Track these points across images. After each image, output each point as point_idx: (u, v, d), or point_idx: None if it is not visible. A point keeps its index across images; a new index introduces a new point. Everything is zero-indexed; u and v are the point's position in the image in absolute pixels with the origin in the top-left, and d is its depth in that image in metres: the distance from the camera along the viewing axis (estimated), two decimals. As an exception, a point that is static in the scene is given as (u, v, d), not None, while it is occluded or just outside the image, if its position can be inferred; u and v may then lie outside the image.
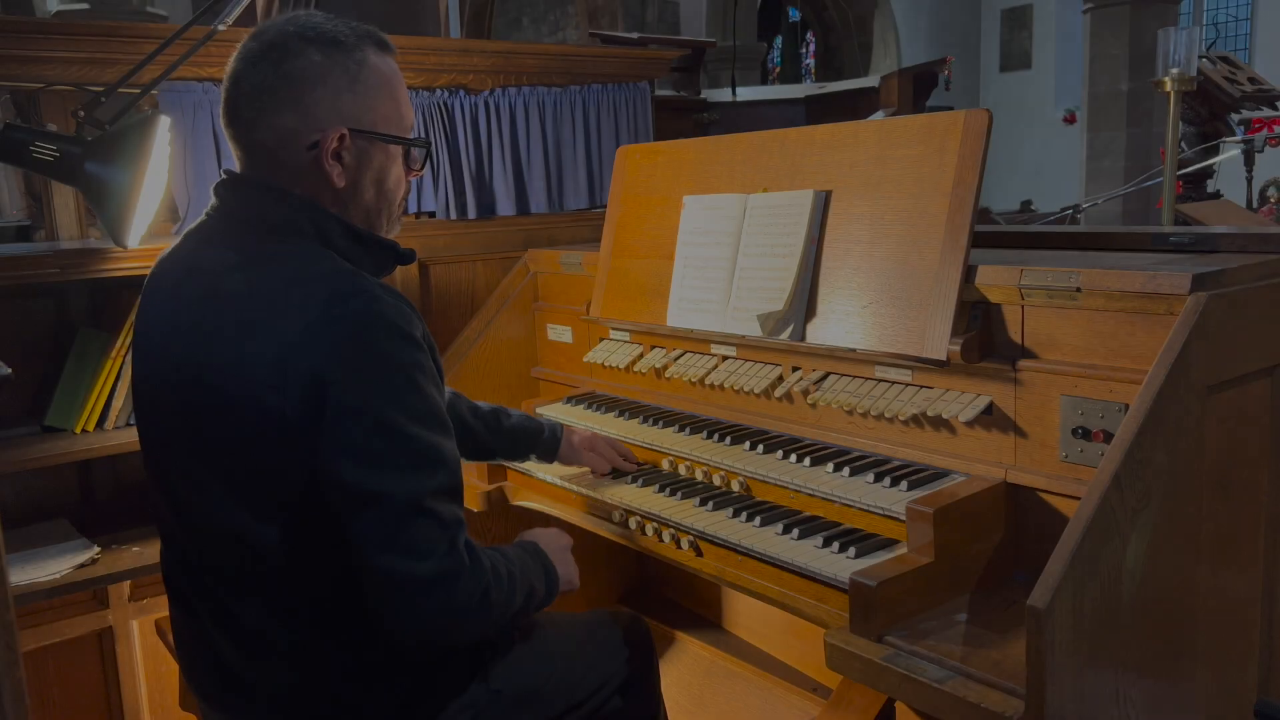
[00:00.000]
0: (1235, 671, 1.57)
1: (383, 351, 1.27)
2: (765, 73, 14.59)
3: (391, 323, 1.28)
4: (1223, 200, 5.42)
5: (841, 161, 1.88)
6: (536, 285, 2.68)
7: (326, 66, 1.36)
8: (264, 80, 1.36)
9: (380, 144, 1.42)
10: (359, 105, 1.39)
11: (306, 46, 1.36)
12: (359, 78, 1.39)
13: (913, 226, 1.73)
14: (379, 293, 1.30)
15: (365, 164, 1.41)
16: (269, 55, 1.36)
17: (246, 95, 1.37)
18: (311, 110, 1.36)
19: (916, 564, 1.49)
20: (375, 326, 1.27)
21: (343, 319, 1.26)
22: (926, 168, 1.73)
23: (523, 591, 1.44)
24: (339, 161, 1.38)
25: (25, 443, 2.11)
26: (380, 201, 1.46)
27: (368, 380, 1.25)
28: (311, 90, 1.36)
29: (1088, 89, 9.80)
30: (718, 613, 2.59)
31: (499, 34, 9.23)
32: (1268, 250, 1.62)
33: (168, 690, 2.38)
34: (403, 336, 1.29)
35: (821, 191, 1.89)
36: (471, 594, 1.31)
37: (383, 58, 1.43)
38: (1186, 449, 1.37)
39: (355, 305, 1.27)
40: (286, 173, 1.38)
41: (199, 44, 2.09)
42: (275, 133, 1.37)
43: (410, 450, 1.28)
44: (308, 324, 1.25)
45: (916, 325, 1.69)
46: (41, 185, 2.34)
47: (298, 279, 1.30)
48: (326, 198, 1.40)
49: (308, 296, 1.27)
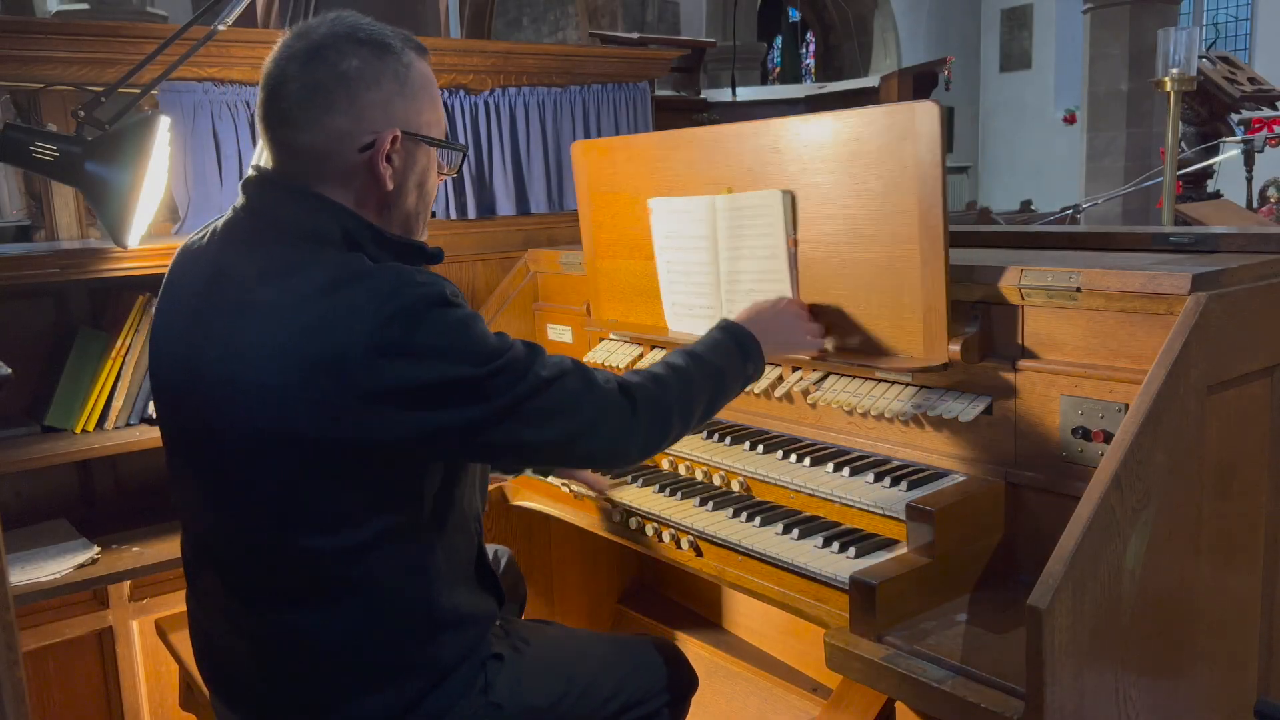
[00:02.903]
0: (1235, 671, 1.57)
1: (439, 326, 1.27)
2: (765, 73, 14.59)
3: (439, 295, 1.28)
4: (1223, 200, 5.42)
5: (803, 157, 1.80)
6: (537, 285, 2.68)
7: (379, 69, 1.35)
8: (316, 79, 1.33)
9: (424, 147, 1.42)
10: (408, 108, 1.38)
11: (359, 48, 1.34)
12: (408, 80, 1.38)
13: (886, 225, 1.68)
14: (412, 275, 1.29)
15: (411, 166, 1.41)
16: (321, 55, 1.33)
17: (296, 96, 1.33)
18: (366, 112, 1.34)
19: (916, 564, 1.49)
20: (424, 308, 1.26)
21: (395, 316, 1.24)
22: (889, 164, 1.66)
23: (704, 372, 1.55)
24: (390, 164, 1.37)
25: (25, 443, 2.10)
26: (420, 204, 1.46)
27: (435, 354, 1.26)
28: (366, 91, 1.34)
29: (1088, 89, 9.80)
30: (718, 613, 2.59)
31: (499, 34, 9.23)
32: (1268, 250, 1.62)
33: (168, 690, 2.38)
34: (447, 304, 1.29)
35: (788, 191, 1.83)
36: (623, 407, 1.41)
37: (423, 61, 1.43)
38: (1186, 449, 1.37)
39: (405, 298, 1.26)
40: (331, 175, 1.35)
41: (199, 44, 2.09)
42: (327, 134, 1.34)
43: (491, 366, 1.29)
44: (364, 324, 1.24)
45: (914, 326, 1.68)
46: (41, 185, 2.34)
47: (335, 282, 1.28)
48: (371, 201, 1.38)
49: (354, 300, 1.25)
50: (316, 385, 1.23)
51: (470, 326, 1.29)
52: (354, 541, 1.31)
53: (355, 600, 1.33)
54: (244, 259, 1.34)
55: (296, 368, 1.24)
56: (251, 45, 2.39)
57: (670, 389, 1.50)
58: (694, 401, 1.53)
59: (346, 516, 1.30)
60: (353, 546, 1.31)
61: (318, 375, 1.23)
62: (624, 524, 1.90)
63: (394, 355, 1.23)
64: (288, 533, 1.31)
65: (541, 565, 2.69)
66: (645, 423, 1.45)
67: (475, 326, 1.30)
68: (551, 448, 1.38)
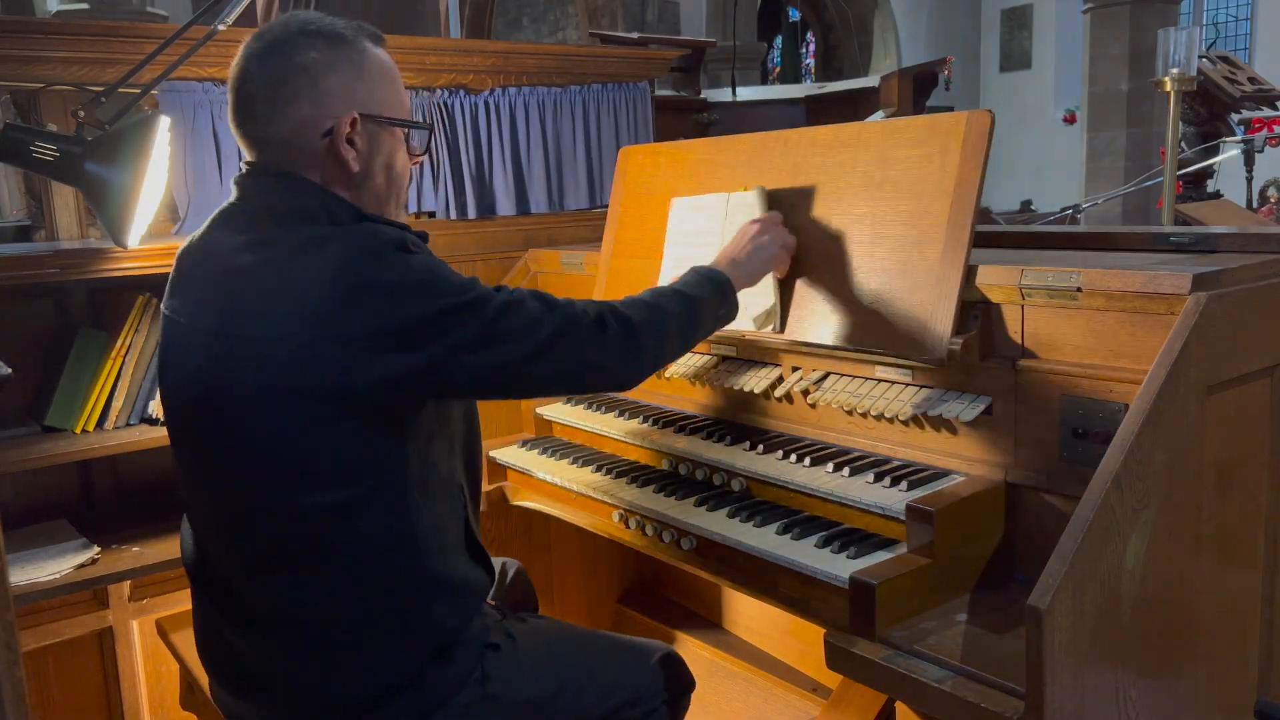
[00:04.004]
0: (1235, 671, 1.57)
1: (404, 265, 1.34)
2: (765, 73, 14.58)
3: (401, 240, 1.36)
4: (1223, 200, 5.42)
5: (844, 162, 1.88)
6: (537, 285, 2.68)
7: (333, 56, 1.42)
8: (276, 73, 1.41)
9: (388, 129, 1.48)
10: (366, 92, 1.45)
11: (314, 39, 1.42)
12: (363, 66, 1.45)
13: (914, 227, 1.72)
14: (377, 227, 1.39)
15: (375, 148, 1.47)
16: (278, 50, 1.41)
17: (259, 91, 1.41)
18: (325, 97, 1.41)
19: (916, 564, 1.49)
20: (389, 250, 1.34)
21: (363, 261, 1.33)
22: (929, 168, 1.73)
23: (678, 301, 1.63)
24: (352, 146, 1.43)
25: (25, 443, 2.10)
26: (390, 186, 1.52)
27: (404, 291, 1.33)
28: (324, 78, 1.41)
29: (1088, 89, 9.80)
30: (718, 613, 2.59)
31: (499, 34, 9.23)
32: (1268, 250, 1.62)
33: (168, 690, 2.38)
34: (408, 250, 1.37)
35: (765, 189, 1.95)
36: (591, 322, 1.49)
37: (379, 49, 1.50)
38: (1186, 449, 1.37)
39: (370, 245, 1.35)
40: (302, 162, 1.43)
41: (199, 44, 2.09)
42: (291, 123, 1.41)
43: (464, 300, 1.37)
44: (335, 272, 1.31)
45: (917, 325, 1.68)
46: (41, 185, 2.34)
47: (311, 241, 1.36)
48: (340, 184, 1.45)
49: (327, 254, 1.33)
50: (301, 336, 1.30)
51: (434, 266, 1.37)
52: (345, 499, 1.35)
53: (349, 562, 1.37)
54: (232, 236, 1.42)
55: (282, 321, 1.31)
56: (251, 45, 2.38)
57: (641, 308, 1.58)
58: (666, 321, 1.60)
59: (338, 471, 1.35)
60: (344, 504, 1.35)
61: (303, 326, 1.30)
62: (624, 524, 1.90)
63: (366, 296, 1.30)
64: (283, 490, 1.35)
65: (541, 565, 2.69)
66: (617, 337, 1.53)
67: (439, 266, 1.38)
68: (530, 365, 1.43)
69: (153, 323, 2.22)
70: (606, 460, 2.10)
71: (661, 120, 3.24)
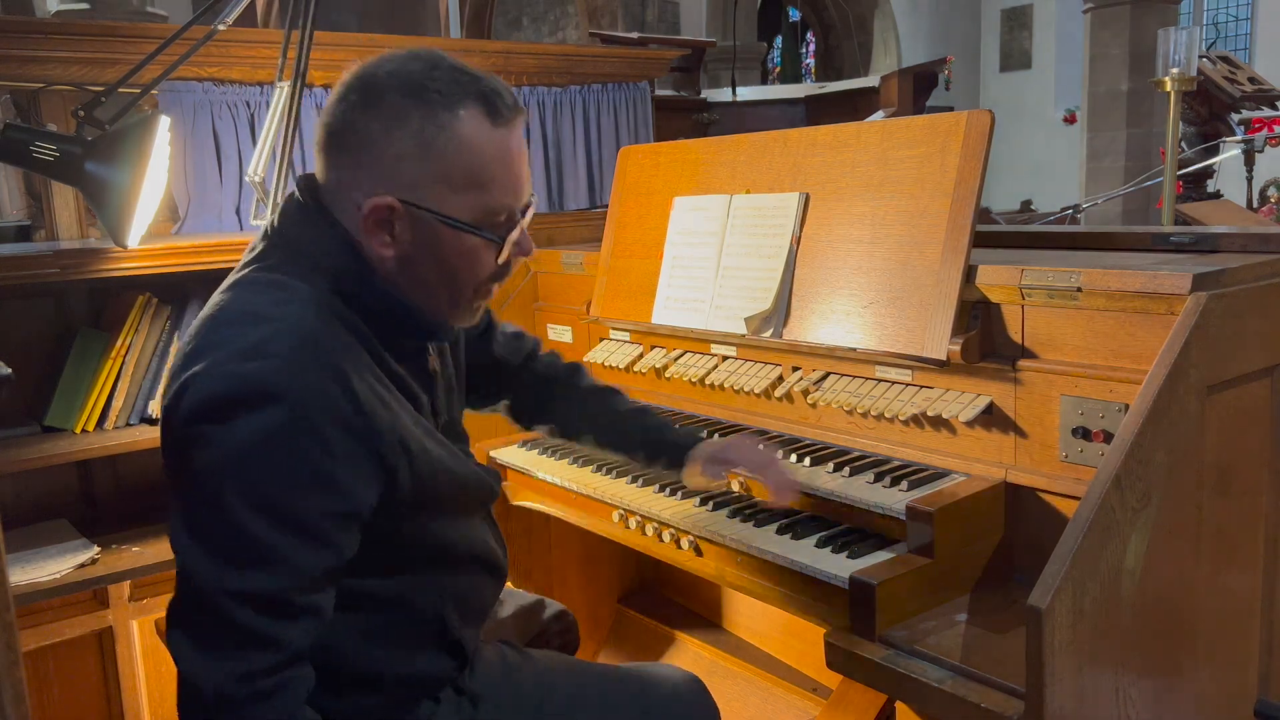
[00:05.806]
0: (1235, 671, 1.57)
1: (227, 437, 1.10)
2: (765, 73, 14.58)
3: (261, 393, 1.10)
4: (1223, 200, 5.42)
5: (844, 162, 1.88)
6: (537, 285, 2.68)
7: (397, 125, 1.19)
8: (335, 121, 1.23)
9: (446, 224, 1.23)
10: (425, 175, 1.21)
11: (385, 95, 1.20)
12: (433, 144, 1.20)
13: (914, 227, 1.73)
14: (282, 349, 1.12)
15: (422, 240, 1.23)
16: (348, 97, 1.23)
17: (325, 130, 1.25)
18: (366, 170, 1.21)
19: (916, 564, 1.49)
20: (229, 407, 1.10)
21: (204, 401, 1.10)
22: (929, 168, 1.73)
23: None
24: (385, 231, 1.22)
25: (25, 443, 2.11)
26: (443, 285, 1.27)
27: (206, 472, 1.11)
28: (370, 149, 1.21)
29: (1088, 89, 9.80)
30: (718, 613, 2.58)
31: (499, 34, 9.22)
32: (1268, 250, 1.62)
33: (168, 690, 2.38)
34: (254, 410, 1.11)
35: (804, 194, 1.92)
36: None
37: (483, 124, 1.21)
38: (1186, 449, 1.37)
39: (225, 383, 1.11)
40: (337, 208, 1.26)
41: (199, 44, 2.09)
42: (337, 174, 1.25)
43: (233, 540, 1.10)
44: (214, 359, 1.12)
45: (917, 325, 1.69)
46: (41, 185, 2.34)
47: (241, 285, 1.21)
48: (379, 246, 1.24)
49: (201, 348, 1.14)
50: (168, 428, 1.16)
51: (287, 479, 1.10)
52: None
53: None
54: (241, 266, 1.29)
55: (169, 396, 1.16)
56: (251, 45, 2.39)
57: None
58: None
59: None
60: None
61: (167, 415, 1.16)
62: (624, 524, 1.90)
63: (188, 443, 1.11)
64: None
65: (541, 565, 2.69)
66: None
67: (297, 491, 1.11)
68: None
69: (152, 323, 2.22)
70: (606, 460, 2.10)
71: (661, 120, 3.25)
